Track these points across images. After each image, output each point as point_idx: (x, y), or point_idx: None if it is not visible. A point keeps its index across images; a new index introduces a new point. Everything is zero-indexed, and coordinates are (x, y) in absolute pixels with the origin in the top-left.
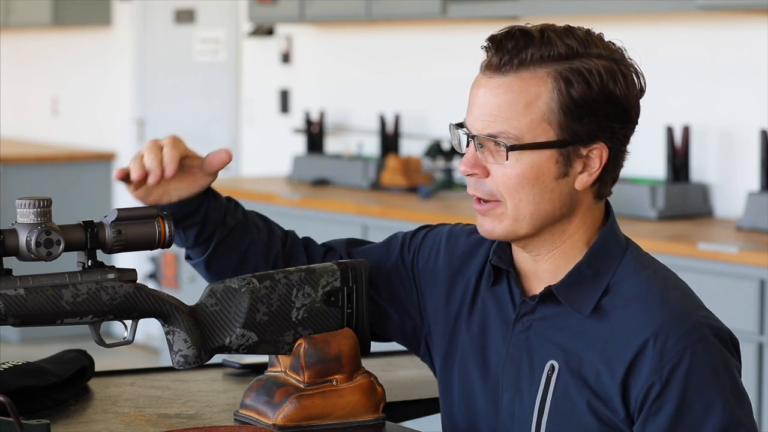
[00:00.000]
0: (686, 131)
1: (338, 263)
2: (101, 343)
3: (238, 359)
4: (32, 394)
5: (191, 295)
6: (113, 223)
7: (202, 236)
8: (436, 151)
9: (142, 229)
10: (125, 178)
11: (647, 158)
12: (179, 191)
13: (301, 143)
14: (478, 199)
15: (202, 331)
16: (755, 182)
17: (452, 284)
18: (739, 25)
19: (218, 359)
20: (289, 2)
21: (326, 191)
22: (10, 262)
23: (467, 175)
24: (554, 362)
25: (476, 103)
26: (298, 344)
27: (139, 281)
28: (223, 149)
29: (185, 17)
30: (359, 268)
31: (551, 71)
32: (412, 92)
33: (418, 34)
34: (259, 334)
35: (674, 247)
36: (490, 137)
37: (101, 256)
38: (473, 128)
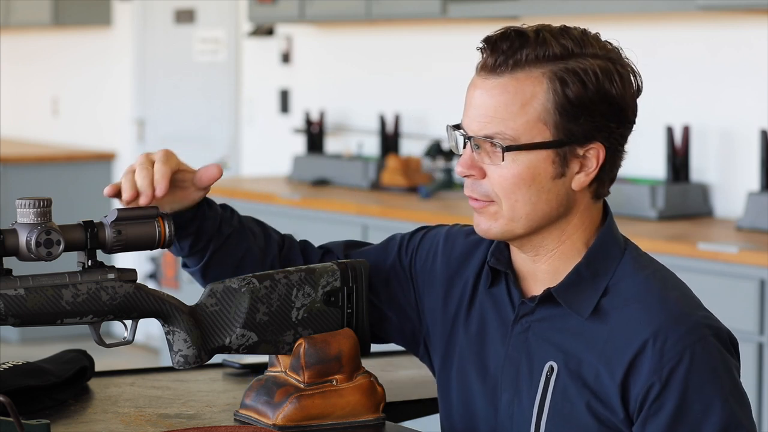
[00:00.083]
0: (686, 131)
1: (338, 263)
2: (101, 343)
3: (238, 359)
4: (32, 394)
5: (191, 295)
6: (113, 223)
7: (197, 246)
8: (436, 151)
9: (142, 229)
10: (116, 195)
11: (647, 158)
12: (172, 205)
13: (301, 143)
14: (474, 198)
15: (202, 331)
16: (755, 182)
17: (450, 286)
18: (739, 25)
19: (218, 359)
20: (289, 2)
21: (326, 191)
22: (10, 262)
23: (464, 176)
24: (553, 363)
25: (472, 104)
26: (298, 344)
27: (139, 281)
28: (213, 164)
29: (185, 17)
30: (359, 268)
31: (546, 71)
32: (412, 92)
33: (418, 34)
34: (259, 334)
35: (674, 247)
36: (486, 138)
37: (101, 256)
38: (469, 129)
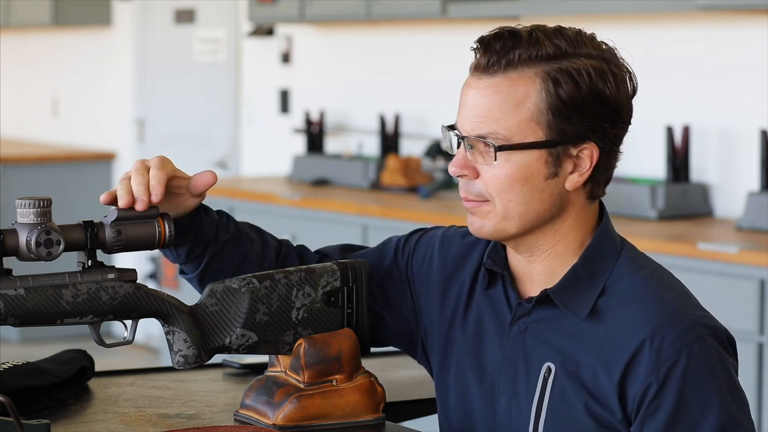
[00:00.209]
0: (686, 131)
1: (338, 263)
2: (101, 343)
3: (238, 359)
4: (32, 394)
5: (191, 295)
6: (113, 223)
7: (194, 252)
8: (436, 151)
9: (142, 229)
10: (113, 202)
11: (647, 158)
12: (168, 211)
13: (301, 143)
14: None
15: (202, 331)
16: (755, 182)
17: (446, 287)
18: (739, 25)
19: (218, 359)
20: (289, 2)
21: (326, 191)
22: (10, 262)
23: (457, 176)
24: (551, 364)
25: (466, 104)
26: (298, 344)
27: (139, 281)
28: (208, 170)
29: (185, 17)
30: (359, 268)
31: (539, 71)
32: (412, 92)
33: (418, 34)
34: (259, 334)
35: (674, 247)
36: (479, 138)
37: (101, 256)
38: (463, 129)
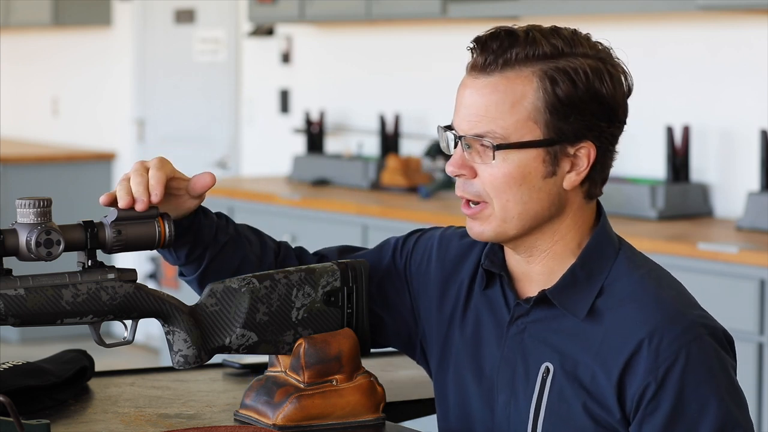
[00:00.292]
0: (686, 131)
1: (338, 263)
2: (101, 343)
3: (238, 359)
4: (32, 394)
5: (191, 295)
6: (113, 223)
7: (193, 254)
8: (436, 151)
9: (142, 229)
10: (112, 204)
11: (647, 158)
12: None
13: (301, 143)
14: (466, 202)
15: (202, 331)
16: (755, 182)
17: (445, 288)
18: (739, 25)
19: (218, 359)
20: (289, 2)
21: (326, 191)
22: (10, 262)
23: (455, 175)
24: (549, 364)
25: (463, 103)
26: (298, 344)
27: (139, 281)
28: (207, 172)
29: (185, 17)
30: (359, 268)
31: (536, 70)
32: (412, 92)
33: (418, 34)
34: (259, 334)
35: (674, 247)
36: (476, 137)
37: (101, 256)
38: (460, 129)
